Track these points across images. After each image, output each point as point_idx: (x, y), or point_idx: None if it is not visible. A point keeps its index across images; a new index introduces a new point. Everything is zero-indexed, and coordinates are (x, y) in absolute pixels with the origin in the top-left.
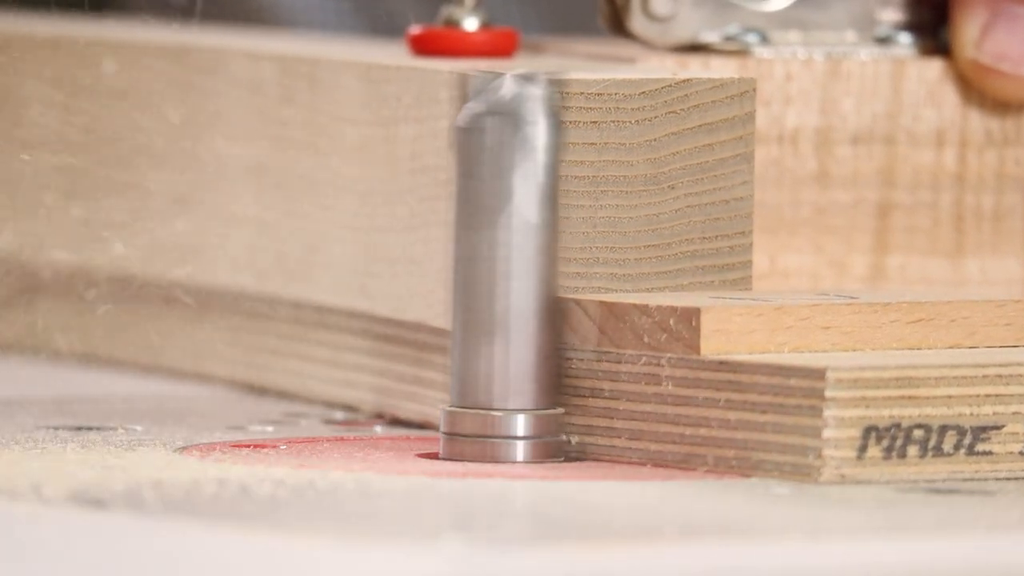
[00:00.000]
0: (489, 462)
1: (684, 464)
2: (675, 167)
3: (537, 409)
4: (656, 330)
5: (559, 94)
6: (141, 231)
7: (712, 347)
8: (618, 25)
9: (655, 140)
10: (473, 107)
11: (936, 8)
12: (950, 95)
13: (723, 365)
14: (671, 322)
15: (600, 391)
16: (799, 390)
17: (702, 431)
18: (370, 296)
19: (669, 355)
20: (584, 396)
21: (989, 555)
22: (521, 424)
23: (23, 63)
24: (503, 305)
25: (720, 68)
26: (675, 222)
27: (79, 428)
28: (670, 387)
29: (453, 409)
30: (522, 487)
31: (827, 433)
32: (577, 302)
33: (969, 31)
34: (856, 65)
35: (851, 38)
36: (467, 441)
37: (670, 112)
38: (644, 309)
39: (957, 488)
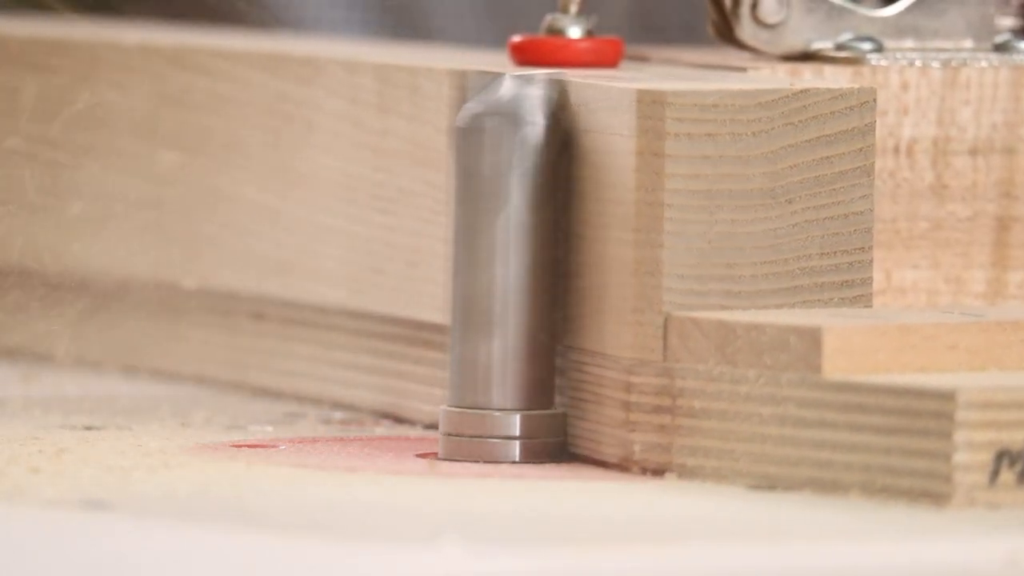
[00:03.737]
0: (486, 462)
1: (805, 488)
2: (793, 180)
3: (533, 409)
4: (775, 350)
5: (558, 95)
6: (231, 243)
7: (834, 367)
8: (726, 33)
9: (772, 152)
10: (472, 107)
11: None
12: None
13: (847, 386)
14: (791, 341)
15: (716, 412)
16: (927, 413)
17: (824, 454)
18: None
19: (789, 375)
20: (698, 417)
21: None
22: (517, 424)
23: (109, 72)
24: (499, 305)
25: (833, 77)
26: (793, 237)
27: (80, 428)
28: (790, 408)
29: (450, 409)
30: (519, 487)
31: (957, 458)
32: (693, 320)
33: None
34: (975, 73)
35: (968, 45)
36: (464, 441)
37: (787, 124)
38: (763, 328)
39: None
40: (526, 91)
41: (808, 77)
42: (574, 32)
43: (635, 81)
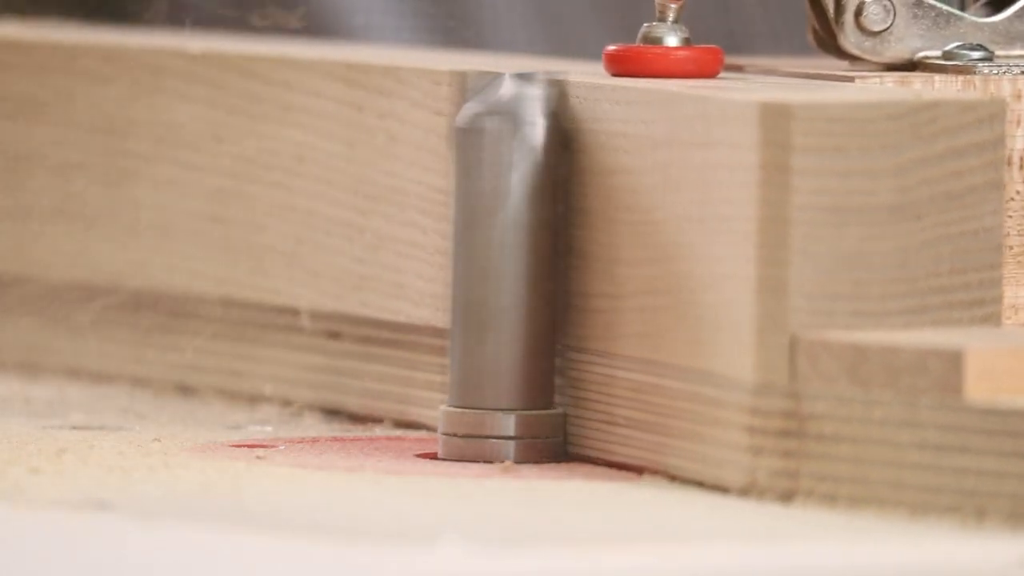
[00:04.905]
0: (484, 462)
1: (946, 516)
2: (922, 195)
3: (531, 409)
4: (913, 372)
5: (558, 95)
6: (304, 259)
7: (978, 391)
8: (827, 41)
9: (900, 166)
10: (472, 107)
11: None
12: None
13: (993, 411)
14: (930, 364)
15: (847, 437)
16: None
17: (968, 482)
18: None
19: (928, 399)
20: (829, 442)
21: None
22: (513, 424)
23: (174, 81)
24: (496, 305)
25: (943, 87)
26: (922, 254)
27: (79, 428)
28: (930, 434)
29: (449, 409)
30: (519, 487)
31: None
32: (822, 342)
33: None
34: None
35: None
36: (462, 441)
37: (916, 136)
38: (898, 350)
39: None
40: (526, 91)
41: (918, 87)
42: (671, 41)
43: (752, 92)
